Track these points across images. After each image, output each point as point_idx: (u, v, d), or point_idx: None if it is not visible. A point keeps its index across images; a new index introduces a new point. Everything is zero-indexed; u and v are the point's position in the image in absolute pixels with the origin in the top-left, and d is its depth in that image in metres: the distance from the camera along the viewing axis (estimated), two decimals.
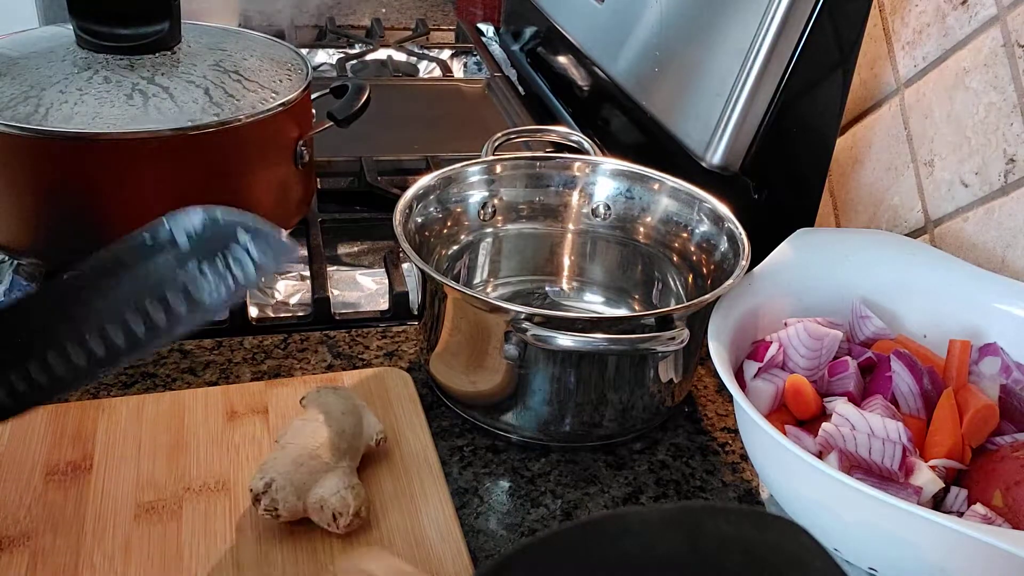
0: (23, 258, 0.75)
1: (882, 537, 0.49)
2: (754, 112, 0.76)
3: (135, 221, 0.70)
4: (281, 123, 0.75)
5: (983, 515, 0.51)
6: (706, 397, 0.70)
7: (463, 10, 1.60)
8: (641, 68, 0.92)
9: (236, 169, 0.72)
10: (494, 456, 0.63)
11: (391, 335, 0.74)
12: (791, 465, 0.53)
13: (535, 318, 0.56)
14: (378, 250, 0.88)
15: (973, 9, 0.66)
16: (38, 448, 0.58)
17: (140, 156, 0.68)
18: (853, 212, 0.80)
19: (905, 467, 0.53)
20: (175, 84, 0.71)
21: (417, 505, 0.56)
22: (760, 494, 0.61)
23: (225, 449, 0.59)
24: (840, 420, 0.55)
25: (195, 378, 0.67)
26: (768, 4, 0.73)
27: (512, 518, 0.58)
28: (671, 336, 0.56)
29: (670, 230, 0.73)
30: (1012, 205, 0.65)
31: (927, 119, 0.71)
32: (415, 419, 0.63)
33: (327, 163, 0.95)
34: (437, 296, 0.62)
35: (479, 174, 0.74)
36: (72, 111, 0.67)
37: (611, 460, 0.63)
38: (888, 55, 0.75)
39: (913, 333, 0.65)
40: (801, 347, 0.61)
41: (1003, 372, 0.61)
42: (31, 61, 0.71)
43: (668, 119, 0.85)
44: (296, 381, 0.66)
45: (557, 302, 0.77)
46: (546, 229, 0.76)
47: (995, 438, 0.57)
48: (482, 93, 1.24)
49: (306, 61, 0.81)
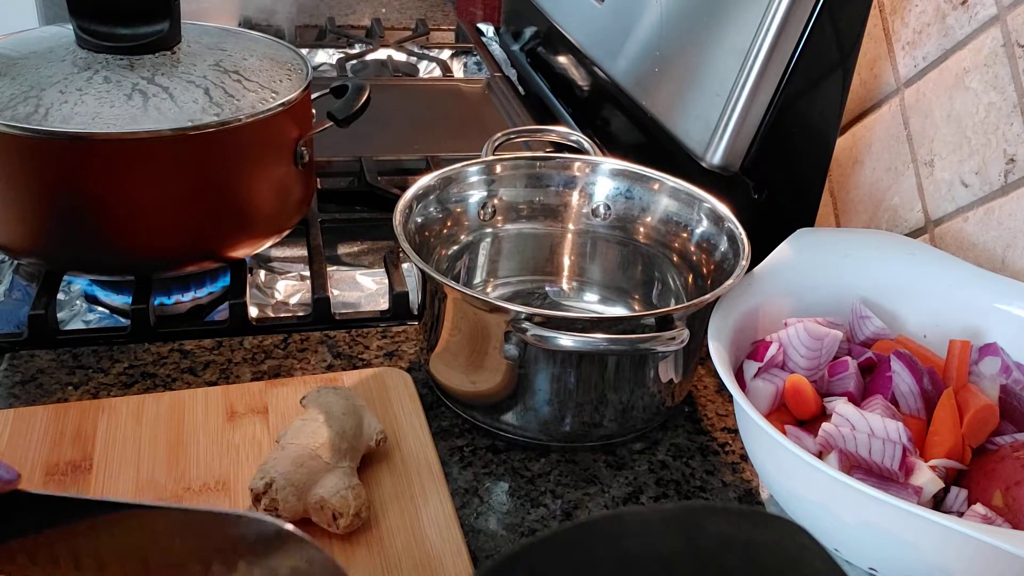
0: (23, 258, 0.75)
1: (882, 537, 0.49)
2: (754, 112, 0.76)
3: (135, 221, 0.71)
4: (281, 123, 0.75)
5: (983, 515, 0.51)
6: (706, 397, 0.70)
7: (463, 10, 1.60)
8: (641, 68, 0.92)
9: (236, 169, 0.72)
10: (494, 456, 0.63)
11: (391, 335, 0.74)
12: (791, 465, 0.53)
13: (535, 318, 0.56)
14: (378, 250, 0.88)
15: (973, 9, 0.66)
16: (38, 448, 0.58)
17: (140, 156, 0.68)
18: (853, 212, 0.80)
19: (905, 467, 0.53)
20: (175, 84, 0.71)
21: (417, 505, 0.56)
22: (760, 494, 0.61)
23: (225, 449, 0.59)
24: (840, 420, 0.55)
25: (195, 378, 0.67)
26: (768, 4, 0.73)
27: (512, 518, 0.58)
28: (671, 336, 0.56)
29: (670, 230, 0.73)
30: (1012, 205, 0.65)
31: (927, 119, 0.71)
32: (415, 419, 0.63)
33: (327, 163, 0.95)
34: (437, 296, 0.62)
35: (479, 174, 0.74)
36: (72, 111, 0.67)
37: (611, 460, 0.63)
38: (888, 55, 0.75)
39: (913, 333, 0.65)
40: (801, 347, 0.61)
41: (1003, 372, 0.61)
42: (31, 61, 0.71)
43: (668, 119, 0.85)
44: (296, 381, 0.66)
45: (557, 302, 0.77)
46: (546, 229, 0.76)
47: (995, 438, 0.57)
48: (482, 93, 1.24)
49: (306, 61, 0.81)
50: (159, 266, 0.74)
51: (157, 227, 0.71)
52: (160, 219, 0.71)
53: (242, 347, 0.71)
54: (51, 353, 0.69)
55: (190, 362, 0.69)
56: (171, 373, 0.68)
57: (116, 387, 0.66)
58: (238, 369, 0.69)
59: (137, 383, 0.66)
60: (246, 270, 0.77)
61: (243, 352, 0.71)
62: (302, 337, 0.73)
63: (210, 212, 0.73)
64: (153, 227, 0.71)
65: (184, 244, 0.73)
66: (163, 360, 0.69)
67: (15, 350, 0.69)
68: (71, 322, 0.76)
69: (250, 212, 0.75)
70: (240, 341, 0.72)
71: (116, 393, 0.65)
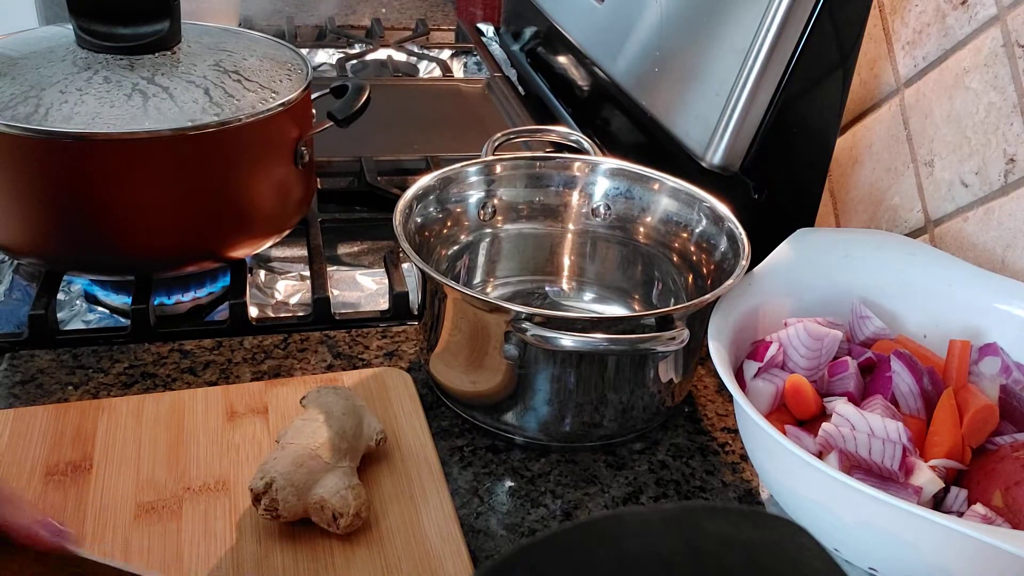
0: (23, 258, 0.75)
1: (882, 537, 0.49)
2: (754, 112, 0.76)
3: (135, 221, 0.71)
4: (281, 123, 0.75)
5: (983, 515, 0.51)
6: (706, 397, 0.70)
7: (463, 10, 1.60)
8: (641, 68, 0.92)
9: (236, 169, 0.72)
10: (494, 456, 0.63)
11: (391, 335, 0.74)
12: (791, 465, 0.53)
13: (535, 318, 0.56)
14: (378, 250, 0.88)
15: (973, 9, 0.66)
16: (38, 448, 0.58)
17: (140, 156, 0.68)
18: (853, 212, 0.80)
19: (905, 467, 0.53)
20: (175, 84, 0.71)
21: (417, 505, 0.56)
22: (760, 494, 0.61)
23: (225, 449, 0.59)
24: (840, 420, 0.55)
25: (195, 378, 0.67)
26: (768, 4, 0.73)
27: (512, 518, 0.58)
28: (671, 336, 0.56)
29: (670, 230, 0.73)
30: (1012, 205, 0.65)
31: (927, 119, 0.71)
32: (415, 419, 0.63)
33: (327, 163, 0.95)
34: (437, 296, 0.62)
35: (479, 174, 0.74)
36: (72, 111, 0.67)
37: (611, 460, 0.63)
38: (888, 55, 0.75)
39: (913, 333, 0.65)
40: (801, 347, 0.61)
41: (1003, 372, 0.61)
42: (31, 61, 0.71)
43: (668, 119, 0.85)
44: (296, 381, 0.66)
45: (557, 302, 0.77)
46: (546, 229, 0.76)
47: (995, 438, 0.57)
48: (482, 93, 1.24)
49: (306, 61, 0.81)
50: (159, 266, 0.74)
51: (157, 227, 0.71)
52: (160, 219, 0.71)
53: (242, 347, 0.71)
54: (51, 353, 0.69)
55: (190, 362, 0.69)
56: (171, 373, 0.68)
57: (116, 387, 0.66)
58: (238, 369, 0.69)
59: (137, 383, 0.66)
60: (246, 270, 0.77)
61: (243, 352, 0.71)
62: (302, 337, 0.73)
63: (210, 212, 0.73)
64: (153, 227, 0.71)
65: (184, 244, 0.73)
66: (163, 360, 0.69)
67: (15, 350, 0.69)
68: (71, 322, 0.76)
69: (250, 212, 0.75)
70: (240, 341, 0.72)
71: (116, 393, 0.65)
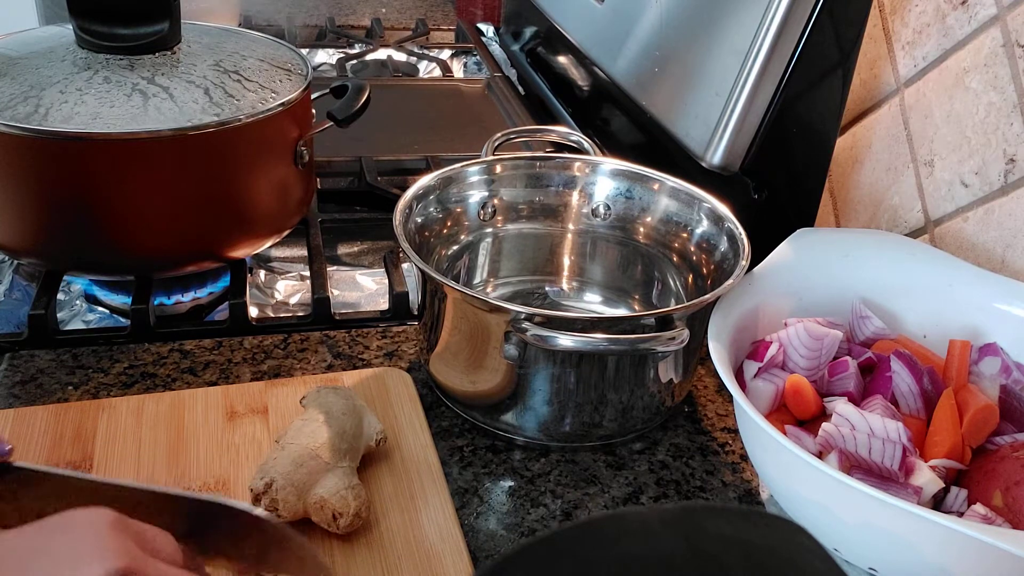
0: (23, 258, 0.75)
1: (882, 537, 0.49)
2: (754, 112, 0.76)
3: (135, 221, 0.71)
4: (281, 123, 0.75)
5: (983, 515, 0.51)
6: (706, 397, 0.70)
7: (463, 10, 1.60)
8: (641, 68, 0.91)
9: (236, 169, 0.72)
10: (494, 456, 0.63)
11: (391, 335, 0.74)
12: (791, 465, 0.53)
13: (535, 318, 0.56)
14: (378, 250, 0.88)
15: (973, 9, 0.66)
16: (38, 448, 0.58)
17: (140, 156, 0.68)
18: (853, 212, 0.80)
19: (905, 467, 0.53)
20: (175, 84, 0.71)
21: (417, 505, 0.56)
22: (760, 494, 0.61)
23: (225, 449, 0.59)
24: (840, 420, 0.55)
25: (195, 378, 0.67)
26: (768, 4, 0.73)
27: (512, 518, 0.58)
28: (671, 336, 0.56)
29: (670, 230, 0.73)
30: (1012, 205, 0.65)
31: (927, 119, 0.71)
32: (415, 419, 0.63)
33: (327, 163, 0.95)
34: (437, 296, 0.62)
35: (479, 174, 0.74)
36: (72, 111, 0.67)
37: (611, 460, 0.63)
38: (888, 55, 0.75)
39: (913, 333, 0.65)
40: (801, 347, 0.61)
41: (1003, 372, 0.61)
42: (31, 61, 0.71)
43: (668, 119, 0.85)
44: (296, 381, 0.66)
45: (557, 302, 0.77)
46: (546, 229, 0.76)
47: (995, 438, 0.57)
48: (482, 93, 1.24)
49: (306, 61, 0.81)
50: (159, 266, 0.74)
51: (157, 227, 0.71)
52: (160, 219, 0.71)
53: (242, 347, 0.71)
54: (51, 353, 0.69)
55: (190, 362, 0.69)
56: (171, 373, 0.68)
57: (116, 387, 0.66)
58: (238, 369, 0.69)
59: (137, 383, 0.66)
60: (246, 270, 0.77)
61: (243, 352, 0.71)
62: (302, 337, 0.73)
63: (210, 212, 0.73)
64: (153, 227, 0.71)
65: (184, 244, 0.73)
66: (163, 360, 0.69)
67: (15, 350, 0.69)
68: (71, 322, 0.76)
69: (250, 212, 0.75)
70: (240, 341, 0.72)
71: (116, 393, 0.65)
